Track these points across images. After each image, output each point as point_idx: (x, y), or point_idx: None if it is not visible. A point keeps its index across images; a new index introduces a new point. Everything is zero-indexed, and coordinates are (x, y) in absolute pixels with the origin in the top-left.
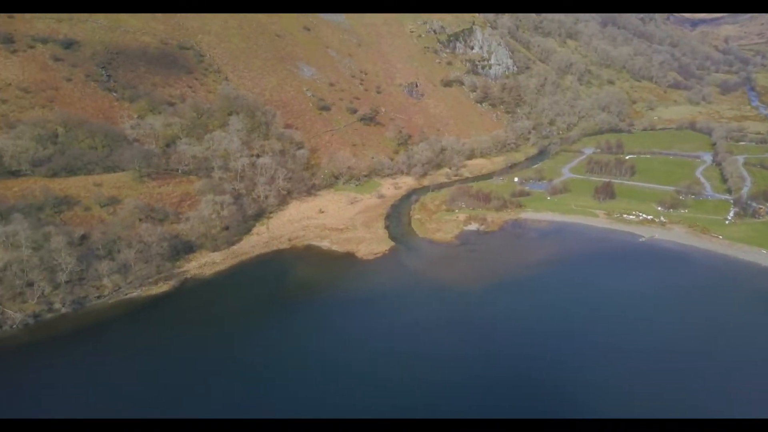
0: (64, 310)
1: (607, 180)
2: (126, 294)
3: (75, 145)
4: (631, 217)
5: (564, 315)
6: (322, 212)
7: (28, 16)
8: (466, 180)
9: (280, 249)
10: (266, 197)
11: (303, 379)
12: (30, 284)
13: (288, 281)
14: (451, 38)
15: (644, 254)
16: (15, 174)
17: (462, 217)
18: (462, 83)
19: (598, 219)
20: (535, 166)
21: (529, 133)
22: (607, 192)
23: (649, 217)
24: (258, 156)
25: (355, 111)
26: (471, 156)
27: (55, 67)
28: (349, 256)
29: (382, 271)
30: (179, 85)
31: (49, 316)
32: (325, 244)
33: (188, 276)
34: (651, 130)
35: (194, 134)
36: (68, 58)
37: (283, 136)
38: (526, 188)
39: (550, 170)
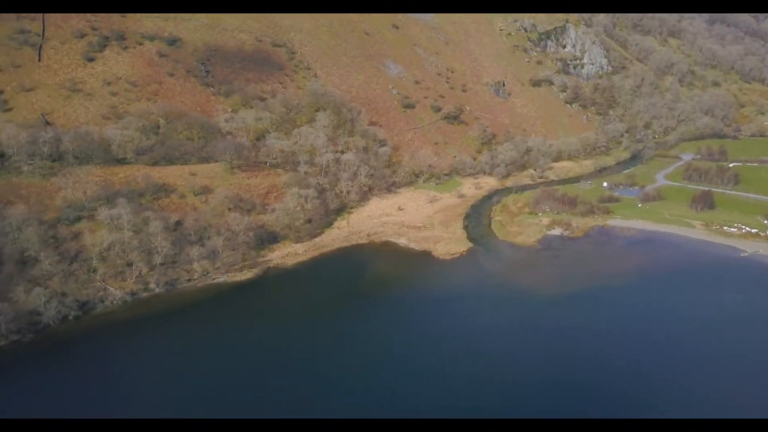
0: (157, 290)
1: (706, 188)
2: (213, 279)
3: (174, 137)
4: (732, 229)
5: (648, 334)
6: (401, 210)
7: (138, 15)
8: (551, 183)
9: (359, 244)
10: (348, 193)
11: (377, 372)
12: (129, 264)
13: (365, 276)
14: (542, 36)
15: (745, 271)
16: (121, 162)
17: (545, 221)
18: (551, 83)
19: (694, 230)
20: (627, 171)
21: (622, 136)
22: (705, 201)
23: (753, 230)
24: (342, 152)
25: (439, 109)
26: (558, 158)
27: (160, 62)
28: (426, 255)
29: (459, 272)
30: (271, 81)
31: (145, 295)
32: (402, 241)
33: (271, 265)
34: (760, 136)
35: (283, 129)
36: (172, 54)
37: (367, 133)
38: (616, 194)
39: (643, 176)
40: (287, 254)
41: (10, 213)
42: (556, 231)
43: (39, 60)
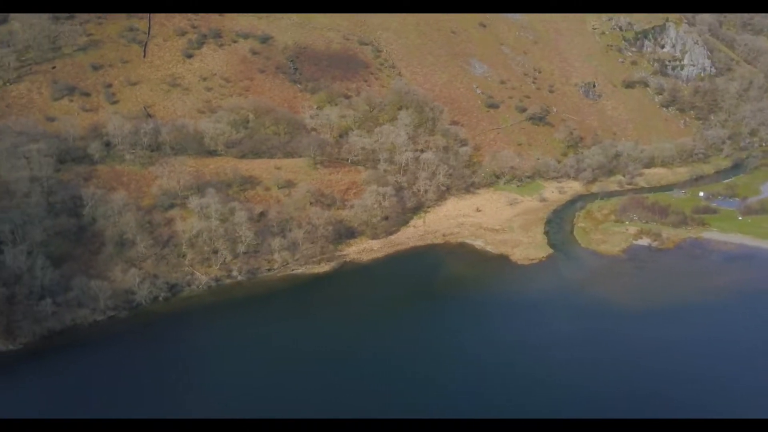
0: (240, 278)
1: None
2: (292, 270)
3: (262, 131)
4: None
5: (744, 358)
6: (479, 211)
7: (234, 14)
8: (641, 190)
9: (435, 243)
10: (426, 192)
11: (446, 372)
12: (215, 251)
13: (439, 276)
14: (639, 36)
15: None
16: (212, 153)
17: (632, 230)
18: (647, 85)
19: None
20: (727, 180)
21: (723, 143)
22: None
23: None
24: (422, 151)
25: (524, 110)
26: (649, 164)
27: (252, 59)
28: (503, 259)
29: (537, 278)
30: (356, 78)
31: (228, 281)
32: (479, 243)
33: (347, 259)
34: None
35: (365, 127)
36: (263, 51)
37: (448, 133)
38: (713, 205)
39: (746, 187)
40: (363, 250)
41: (112, 198)
42: (644, 241)
43: (144, 56)
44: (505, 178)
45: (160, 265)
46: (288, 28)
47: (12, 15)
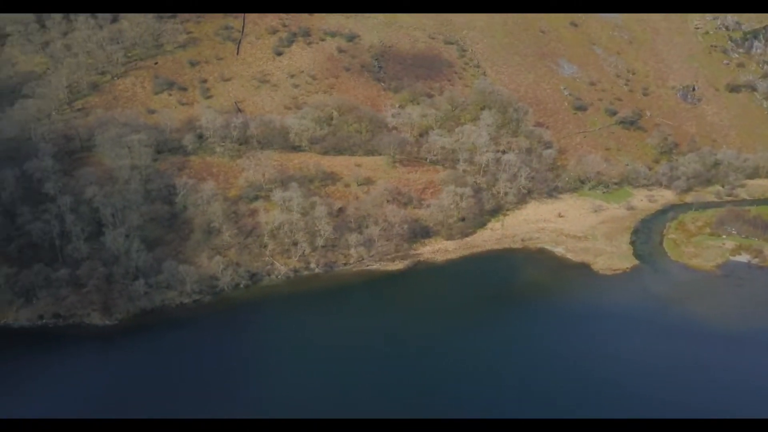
0: (317, 271)
1: None
2: (367, 266)
3: (345, 128)
4: None
5: None
6: (561, 217)
7: (323, 14)
8: (742, 202)
9: (512, 248)
10: (505, 194)
11: (522, 379)
12: (295, 244)
13: (516, 281)
14: (748, 36)
15: None
16: (296, 149)
17: (729, 244)
18: (754, 89)
19: None
20: None
21: None
22: None
23: None
24: (504, 152)
25: (614, 113)
26: (753, 175)
27: (338, 57)
28: (584, 267)
29: (620, 290)
30: (439, 78)
31: (305, 273)
32: (559, 250)
33: (421, 259)
34: None
35: (446, 126)
36: (350, 50)
37: (532, 135)
38: None
39: None
40: (438, 250)
41: (202, 188)
42: (743, 257)
43: (237, 53)
44: (590, 184)
45: (243, 254)
46: (374, 27)
47: (122, 14)
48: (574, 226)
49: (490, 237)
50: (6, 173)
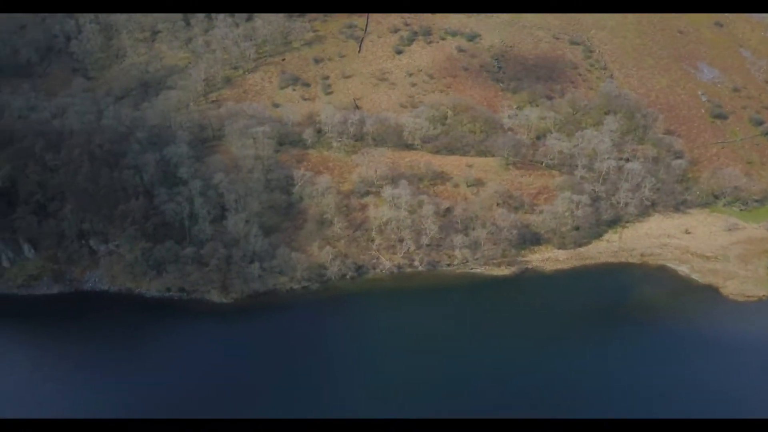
0: (420, 268)
1: None
2: (471, 268)
3: (458, 128)
4: None
5: None
6: (689, 233)
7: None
8: None
9: (629, 263)
10: (626, 205)
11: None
12: (401, 240)
13: (632, 299)
14: None
15: None
16: (408, 147)
17: None
18: None
19: None
20: None
21: None
22: None
23: None
24: (627, 160)
25: (760, 123)
26: None
27: (457, 57)
28: (711, 290)
29: (754, 320)
30: (562, 79)
31: (409, 270)
32: (683, 269)
33: (529, 266)
34: None
35: (565, 130)
36: (469, 49)
37: (661, 143)
38: None
39: None
40: (547, 258)
41: (318, 180)
42: None
43: (359, 51)
44: (725, 200)
45: (351, 247)
46: (497, 27)
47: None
48: (702, 245)
49: (606, 249)
50: (148, 157)
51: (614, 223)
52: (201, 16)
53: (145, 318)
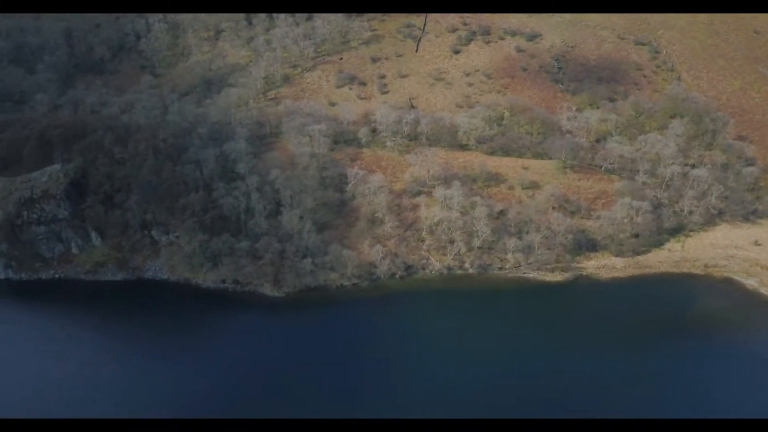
0: (470, 271)
1: None
2: (523, 273)
3: (515, 129)
4: None
5: None
6: (759, 245)
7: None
8: None
9: (692, 273)
10: (690, 213)
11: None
12: (451, 242)
13: (694, 312)
14: None
15: None
16: (463, 147)
17: None
18: None
19: None
20: None
21: None
22: None
23: None
24: (693, 166)
25: None
26: None
27: (516, 57)
28: None
29: None
30: (625, 81)
31: (459, 272)
32: (750, 282)
33: (583, 273)
34: None
35: (627, 133)
36: (529, 49)
37: (731, 149)
38: None
39: None
40: (603, 266)
41: (371, 179)
42: None
43: (416, 51)
44: None
45: (401, 246)
46: (558, 26)
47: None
48: None
49: (667, 258)
50: (208, 152)
51: (677, 231)
52: (263, 15)
53: (201, 307)
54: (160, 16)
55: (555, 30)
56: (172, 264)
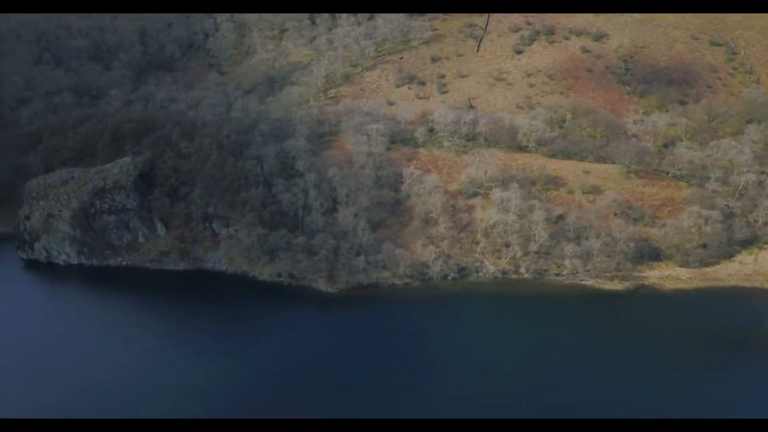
0: (526, 276)
1: None
2: (581, 280)
3: (577, 132)
4: None
5: None
6: None
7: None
8: None
9: (765, 288)
10: (765, 224)
11: None
12: (507, 245)
13: (766, 328)
14: None
15: None
16: (522, 149)
17: None
18: None
19: None
20: None
21: None
22: None
23: None
24: None
25: None
26: None
27: (580, 57)
28: None
29: None
30: (698, 83)
31: (513, 276)
32: None
33: (645, 283)
34: None
35: (698, 138)
36: (595, 49)
37: None
38: None
39: None
40: (667, 276)
41: (426, 179)
42: None
43: (477, 51)
44: None
45: (455, 248)
46: (627, 26)
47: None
48: None
49: (738, 271)
50: (269, 149)
51: (750, 243)
52: (326, 15)
53: (257, 299)
54: (228, 15)
55: (623, 30)
56: (230, 256)
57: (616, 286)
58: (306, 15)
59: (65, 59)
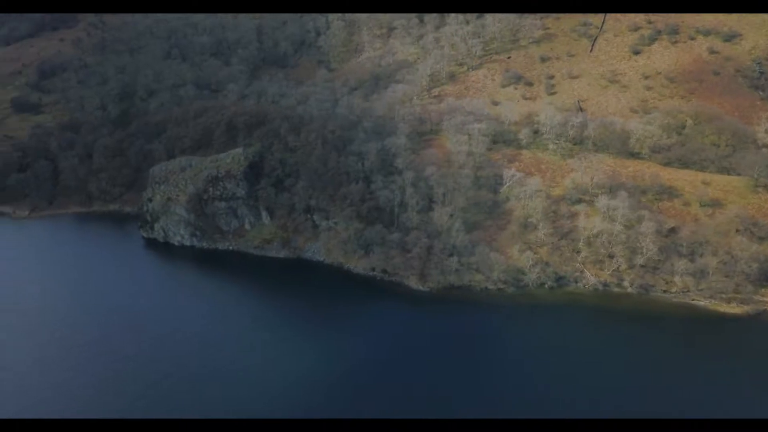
0: (629, 290)
1: None
2: (692, 299)
3: (698, 140)
4: None
5: None
6: None
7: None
8: None
9: None
10: None
11: None
12: (611, 256)
13: None
14: None
15: None
16: (634, 156)
17: None
18: None
19: None
20: None
21: None
22: None
23: None
24: None
25: None
26: None
27: (707, 59)
28: None
29: None
30: None
31: (616, 290)
32: None
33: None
34: None
35: None
36: (724, 50)
37: None
38: None
39: None
40: None
41: (528, 182)
42: None
43: (590, 51)
44: None
45: (554, 255)
46: (763, 25)
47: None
48: None
49: None
50: (371, 146)
51: None
52: (434, 14)
53: (351, 291)
54: (339, 15)
55: (759, 29)
56: (328, 248)
57: (734, 309)
58: (414, 15)
59: (190, 54)
